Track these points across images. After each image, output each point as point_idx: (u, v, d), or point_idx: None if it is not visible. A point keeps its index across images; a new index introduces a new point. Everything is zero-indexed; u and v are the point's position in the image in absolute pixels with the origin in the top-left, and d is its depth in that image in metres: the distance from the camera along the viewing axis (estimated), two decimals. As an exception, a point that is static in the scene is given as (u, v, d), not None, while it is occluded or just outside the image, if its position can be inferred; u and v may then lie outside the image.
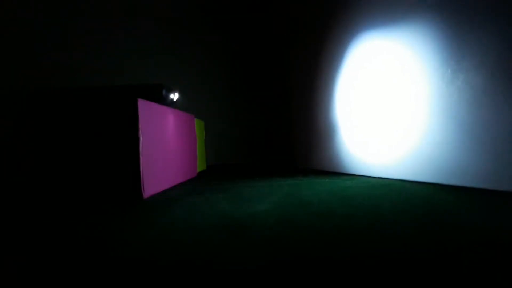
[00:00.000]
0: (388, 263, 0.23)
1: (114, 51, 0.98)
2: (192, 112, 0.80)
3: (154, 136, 0.54)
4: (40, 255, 0.28)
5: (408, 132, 0.57)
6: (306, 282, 0.21)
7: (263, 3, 0.62)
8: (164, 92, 0.56)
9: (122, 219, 0.40)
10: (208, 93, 1.07)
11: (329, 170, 0.77)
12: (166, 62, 1.03)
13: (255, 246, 0.28)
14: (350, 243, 0.27)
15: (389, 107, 0.60)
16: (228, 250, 0.27)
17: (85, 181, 0.50)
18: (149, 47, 1.02)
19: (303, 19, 0.88)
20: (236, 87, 1.09)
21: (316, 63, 0.82)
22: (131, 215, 0.41)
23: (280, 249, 0.27)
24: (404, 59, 0.57)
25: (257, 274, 0.22)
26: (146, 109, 0.51)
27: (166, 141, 0.59)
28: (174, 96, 0.61)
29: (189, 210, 0.42)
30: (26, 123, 0.51)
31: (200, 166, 0.84)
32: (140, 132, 0.48)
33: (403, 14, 0.57)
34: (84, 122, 0.50)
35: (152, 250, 0.28)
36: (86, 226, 0.37)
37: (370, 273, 0.22)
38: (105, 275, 0.23)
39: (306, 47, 0.86)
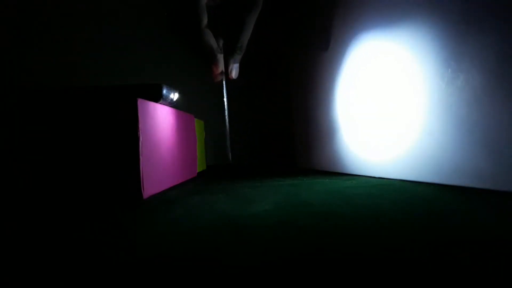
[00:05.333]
0: (389, 263, 0.23)
1: (113, 51, 0.98)
2: (192, 112, 0.80)
3: (154, 136, 0.53)
4: (40, 256, 0.27)
5: (408, 133, 0.57)
6: (307, 282, 0.21)
7: (263, 3, 0.62)
8: (164, 91, 0.56)
9: (123, 219, 0.40)
10: (208, 93, 1.07)
11: (329, 170, 0.77)
12: (166, 61, 1.03)
13: (256, 246, 0.28)
14: (351, 243, 0.27)
15: (389, 107, 0.60)
16: (229, 250, 0.27)
17: (85, 182, 0.49)
18: (149, 47, 1.02)
19: (303, 19, 0.88)
20: (235, 88, 1.09)
21: (316, 63, 0.82)
22: (131, 216, 0.41)
23: (280, 249, 0.27)
24: (404, 59, 0.57)
25: (259, 273, 0.22)
26: (146, 109, 0.51)
27: (166, 141, 0.59)
28: (174, 96, 0.61)
29: (190, 210, 0.42)
30: (24, 123, 0.51)
31: (200, 166, 0.84)
32: (140, 132, 0.48)
33: (403, 14, 0.57)
34: (83, 122, 0.50)
35: (152, 250, 0.28)
36: (86, 227, 0.37)
37: (370, 273, 0.21)
38: (107, 275, 0.23)
39: (306, 46, 0.86)
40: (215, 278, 0.22)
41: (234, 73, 0.63)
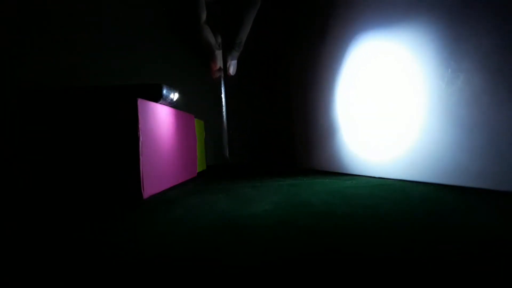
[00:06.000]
0: (389, 263, 0.23)
1: (113, 51, 0.98)
2: (192, 112, 0.80)
3: (154, 136, 0.53)
4: (40, 256, 0.27)
5: (408, 133, 0.57)
6: (307, 282, 0.21)
7: (263, 3, 0.62)
8: (164, 91, 0.56)
9: (123, 219, 0.40)
10: (208, 92, 1.07)
11: (329, 170, 0.77)
12: (166, 61, 1.02)
13: (256, 246, 0.28)
14: (351, 243, 0.27)
15: (389, 107, 0.60)
16: (229, 250, 0.27)
17: (85, 182, 0.49)
18: (149, 47, 1.02)
19: (302, 19, 0.88)
20: (235, 88, 1.09)
21: (316, 63, 0.82)
22: (131, 216, 0.41)
23: (280, 249, 0.27)
24: (404, 59, 0.57)
25: (259, 273, 0.22)
26: (146, 109, 0.51)
27: (166, 141, 0.59)
28: (174, 96, 0.61)
29: (190, 210, 0.42)
30: (24, 123, 0.51)
31: (200, 166, 0.84)
32: (140, 132, 0.48)
33: (403, 14, 0.57)
34: (83, 122, 0.50)
35: (153, 250, 0.28)
36: (86, 227, 0.37)
37: (370, 273, 0.21)
38: (107, 275, 0.23)
39: (306, 46, 0.86)
40: (215, 278, 0.22)
41: (232, 70, 0.63)
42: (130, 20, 1.00)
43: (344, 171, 0.72)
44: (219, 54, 0.60)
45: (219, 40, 0.60)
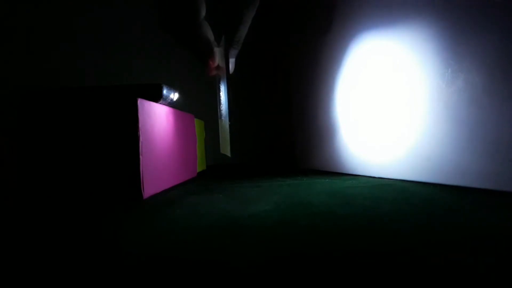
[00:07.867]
0: (388, 263, 0.23)
1: (113, 51, 0.98)
2: (192, 112, 0.80)
3: (154, 136, 0.53)
4: (39, 256, 0.27)
5: (408, 133, 0.57)
6: (306, 282, 0.21)
7: (263, 3, 0.62)
8: (164, 91, 0.56)
9: (123, 219, 0.40)
10: (208, 92, 1.07)
11: (329, 170, 0.77)
12: (166, 61, 1.02)
13: (256, 246, 0.28)
14: (350, 243, 0.27)
15: (390, 107, 0.60)
16: (229, 250, 0.27)
17: (84, 181, 0.49)
18: (149, 46, 1.02)
19: (302, 18, 0.88)
20: (235, 87, 1.09)
21: (316, 63, 0.82)
22: (131, 216, 0.41)
23: (281, 249, 0.27)
24: (405, 59, 0.57)
25: (259, 274, 0.22)
26: (146, 109, 0.51)
27: (166, 141, 0.59)
28: (174, 96, 0.61)
29: (190, 210, 0.42)
30: (24, 123, 0.51)
31: (200, 166, 0.84)
32: (140, 132, 0.48)
33: (403, 14, 0.57)
34: (83, 122, 0.50)
35: (152, 251, 0.28)
36: (86, 227, 0.37)
37: (370, 273, 0.21)
38: (106, 276, 0.23)
39: (306, 46, 0.86)
40: (215, 278, 0.22)
41: (230, 68, 0.63)
42: (131, 20, 1.00)
43: (344, 171, 0.72)
44: (217, 51, 0.59)
45: (218, 37, 0.60)
